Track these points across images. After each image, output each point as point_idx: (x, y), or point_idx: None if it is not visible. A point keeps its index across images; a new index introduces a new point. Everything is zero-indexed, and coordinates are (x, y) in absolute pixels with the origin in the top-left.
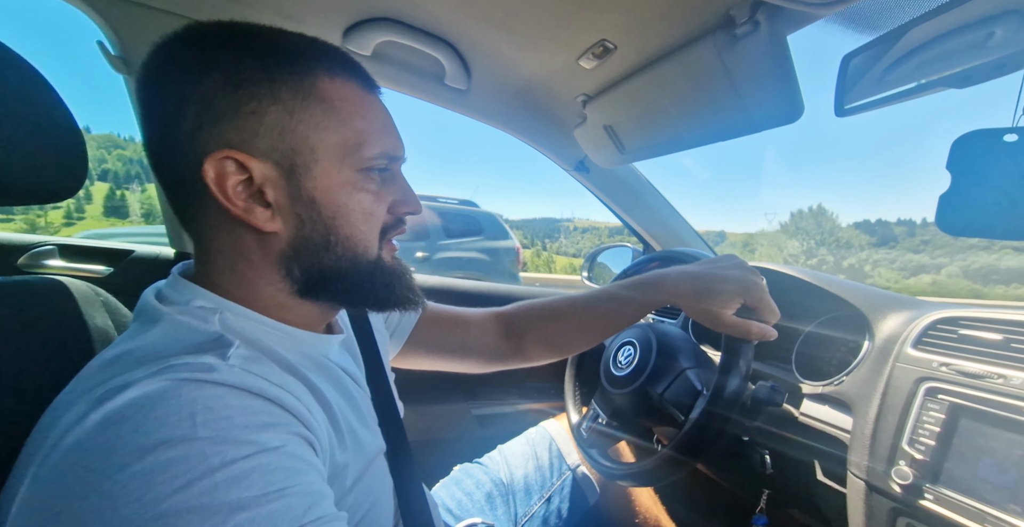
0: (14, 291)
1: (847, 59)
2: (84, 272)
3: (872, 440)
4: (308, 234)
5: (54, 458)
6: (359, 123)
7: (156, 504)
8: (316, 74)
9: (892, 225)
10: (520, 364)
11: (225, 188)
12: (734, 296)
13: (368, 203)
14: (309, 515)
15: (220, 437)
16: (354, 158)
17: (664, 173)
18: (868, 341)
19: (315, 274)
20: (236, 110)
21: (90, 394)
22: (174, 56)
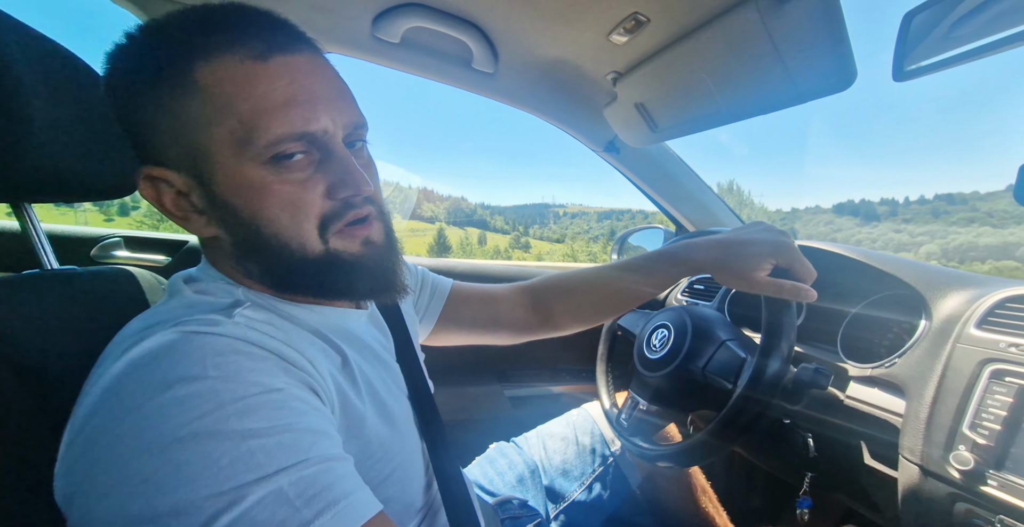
0: (91, 280)
1: (909, 17)
2: (146, 261)
3: (928, 424)
4: (241, 236)
5: (87, 403)
6: (244, 106)
7: (177, 429)
8: (191, 62)
9: (875, 205)
10: (548, 334)
11: (163, 203)
12: (765, 257)
13: (287, 195)
14: (313, 450)
15: (230, 377)
16: (250, 150)
17: (692, 149)
18: (925, 321)
19: (271, 270)
20: (137, 123)
21: (115, 352)
22: (109, 74)
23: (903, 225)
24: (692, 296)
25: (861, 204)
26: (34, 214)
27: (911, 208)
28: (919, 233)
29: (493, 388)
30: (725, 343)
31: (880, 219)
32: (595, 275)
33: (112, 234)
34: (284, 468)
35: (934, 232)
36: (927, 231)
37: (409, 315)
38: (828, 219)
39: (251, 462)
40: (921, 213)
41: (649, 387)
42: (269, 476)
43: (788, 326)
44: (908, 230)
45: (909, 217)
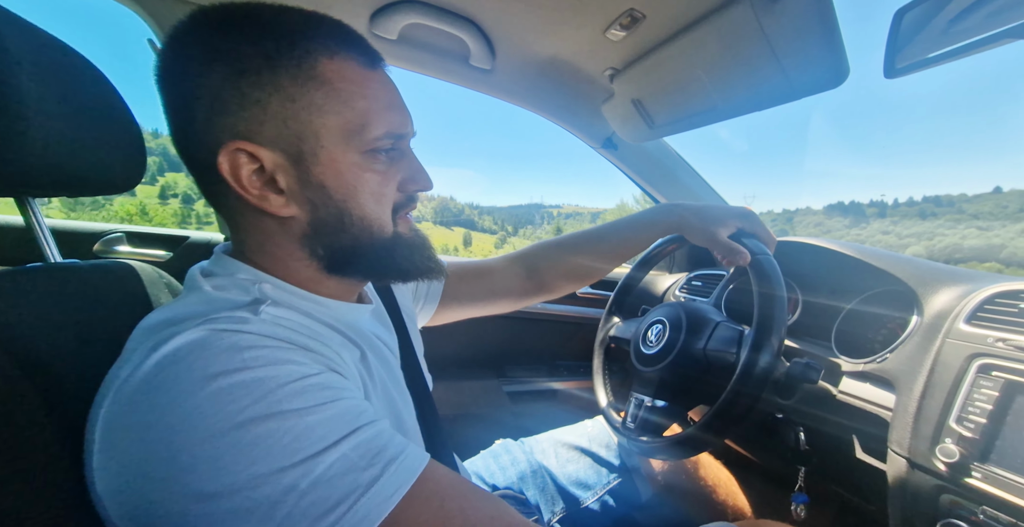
0: (93, 274)
1: (900, 14)
2: (148, 256)
3: (916, 417)
4: (323, 217)
5: (121, 398)
6: (362, 103)
7: (235, 416)
8: (315, 56)
9: (865, 206)
10: (544, 298)
11: (240, 178)
12: (731, 217)
13: (376, 184)
14: (363, 418)
15: (270, 366)
16: (358, 140)
17: (693, 147)
18: (916, 316)
19: (337, 252)
20: (241, 101)
21: (142, 347)
22: (181, 48)
23: (891, 226)
24: (690, 293)
25: (851, 206)
26: (37, 208)
27: (899, 209)
28: (906, 234)
29: (491, 383)
30: (720, 323)
31: (869, 220)
32: (582, 238)
33: (115, 229)
34: (343, 437)
35: (921, 234)
36: (914, 233)
37: (407, 309)
38: (818, 220)
39: (313, 436)
40: (909, 215)
41: (652, 382)
42: (332, 445)
43: (779, 321)
44: (896, 231)
45: (897, 219)
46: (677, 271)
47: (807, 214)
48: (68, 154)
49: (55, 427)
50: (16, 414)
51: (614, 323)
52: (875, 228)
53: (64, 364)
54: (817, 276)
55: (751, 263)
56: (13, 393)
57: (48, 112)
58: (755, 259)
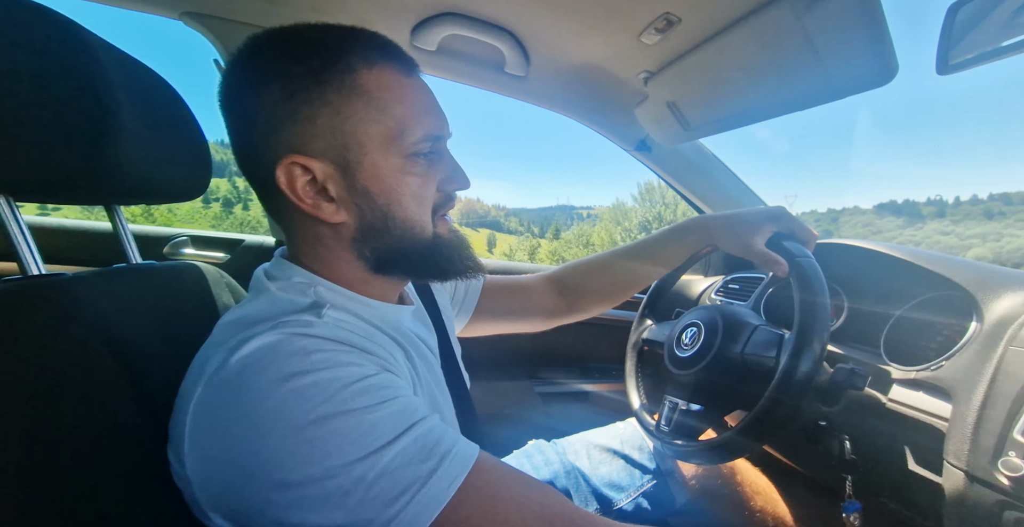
0: (168, 274)
1: (954, 8)
2: (209, 258)
3: (976, 429)
4: (370, 221)
5: (210, 392)
6: (399, 109)
7: (308, 413)
8: (355, 68)
9: (921, 205)
10: (577, 317)
11: (295, 189)
12: (765, 222)
13: (417, 186)
14: (417, 414)
15: (334, 369)
16: (398, 145)
17: (726, 146)
18: (975, 323)
19: (383, 254)
20: (294, 118)
21: (224, 346)
22: (239, 72)
23: (951, 227)
24: (726, 296)
25: (905, 204)
26: (122, 215)
27: (961, 208)
28: (969, 235)
29: (523, 384)
30: (759, 327)
31: (925, 220)
32: (613, 256)
33: (181, 233)
34: (402, 432)
35: (986, 234)
36: (979, 233)
37: (446, 310)
38: (867, 220)
39: (375, 432)
40: (973, 214)
41: (687, 386)
42: (393, 441)
43: (821, 325)
44: (957, 232)
45: (959, 218)
46: (713, 274)
47: (855, 214)
48: (150, 167)
49: (141, 406)
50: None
51: (647, 325)
52: (932, 228)
53: (145, 351)
54: (864, 280)
55: (791, 267)
56: (107, 377)
57: (136, 130)
58: (794, 262)
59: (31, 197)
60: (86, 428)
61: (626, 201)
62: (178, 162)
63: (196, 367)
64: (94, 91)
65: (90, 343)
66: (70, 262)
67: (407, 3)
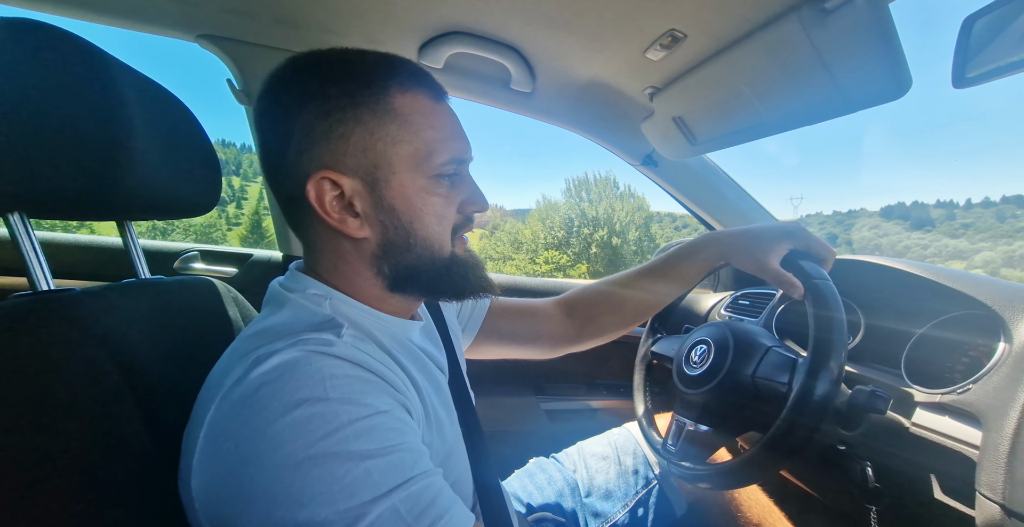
0: (178, 289)
1: (969, 22)
2: (218, 273)
3: (1010, 458)
4: (392, 237)
5: (225, 407)
6: (429, 133)
7: (306, 448)
8: (390, 91)
9: (930, 207)
10: (586, 344)
11: (324, 204)
12: (779, 240)
13: (439, 206)
14: (416, 468)
15: (345, 398)
16: (425, 166)
17: (729, 152)
18: (1004, 343)
19: (402, 271)
20: (328, 136)
21: (244, 359)
22: (277, 92)
23: (961, 230)
24: (736, 311)
25: (913, 207)
26: (134, 231)
27: (973, 211)
28: (979, 239)
29: (529, 400)
30: (771, 348)
31: (935, 224)
32: (624, 280)
33: (191, 248)
34: (396, 486)
35: (998, 237)
36: (990, 237)
37: (453, 325)
38: (874, 223)
39: (368, 481)
40: (984, 217)
41: (695, 406)
42: (384, 494)
43: (838, 344)
44: (967, 235)
45: (969, 221)
46: (722, 289)
47: (861, 216)
48: (162, 184)
49: (146, 421)
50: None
51: (656, 338)
52: (941, 231)
53: (152, 367)
54: (881, 297)
55: (807, 289)
56: (112, 391)
57: (149, 148)
58: (811, 284)
59: (45, 214)
60: (90, 444)
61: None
62: (190, 179)
63: (215, 378)
64: (109, 110)
65: (97, 358)
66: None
67: (414, 23)
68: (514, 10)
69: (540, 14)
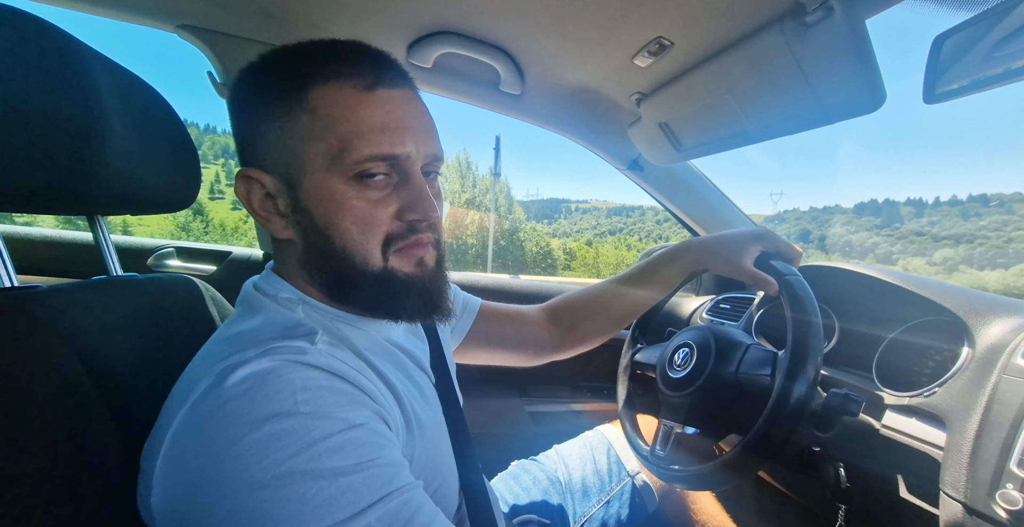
0: (151, 287)
1: (939, 40)
2: (195, 270)
3: (971, 459)
4: (312, 241)
5: (190, 421)
6: (344, 127)
7: (275, 467)
8: (308, 85)
9: (900, 205)
10: (570, 351)
11: (252, 202)
12: (750, 242)
13: (361, 211)
14: (395, 483)
15: (318, 413)
16: (339, 165)
17: None
18: (967, 349)
19: (329, 278)
20: (252, 132)
21: (211, 369)
22: (234, 91)
23: (927, 227)
24: (717, 315)
25: (885, 204)
26: (105, 226)
27: (940, 209)
28: (944, 236)
29: (514, 402)
30: (752, 345)
31: (903, 220)
32: (606, 286)
33: (166, 245)
34: (371, 504)
35: (961, 236)
36: (953, 234)
37: (442, 327)
38: (847, 219)
39: (342, 500)
40: (951, 215)
41: (681, 409)
42: (359, 513)
43: (815, 348)
44: (932, 233)
45: (936, 219)
46: (704, 294)
47: (835, 212)
48: (137, 177)
49: (115, 425)
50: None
51: (638, 348)
52: (909, 229)
53: (124, 368)
54: (855, 303)
55: (780, 285)
56: (80, 393)
57: (123, 139)
58: (783, 281)
59: (9, 206)
60: (53, 445)
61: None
62: (166, 172)
63: (182, 388)
64: (79, 99)
65: (64, 360)
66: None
67: (404, 21)
68: (504, 12)
69: (530, 17)
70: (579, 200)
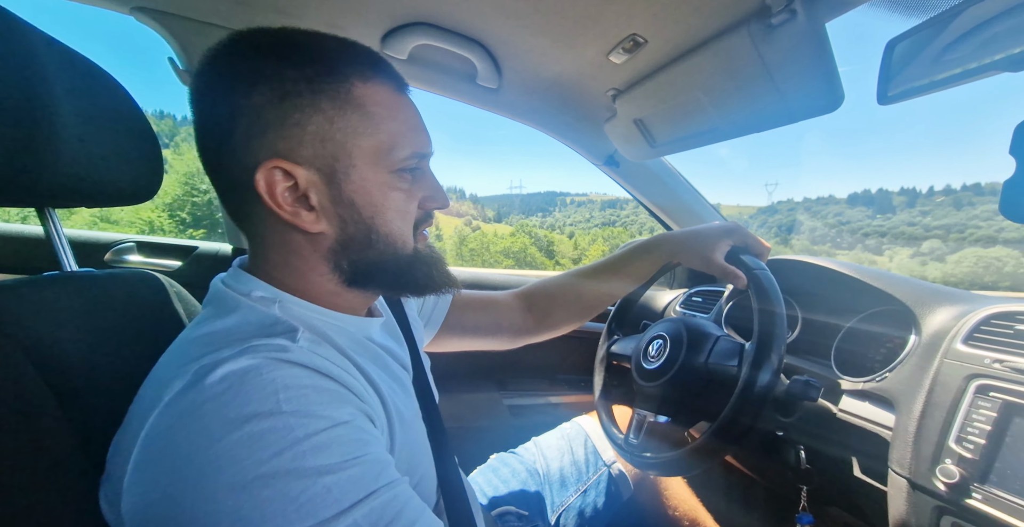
0: (109, 283)
1: (891, 45)
2: (158, 266)
3: (916, 437)
4: (352, 233)
5: (163, 422)
6: (391, 125)
7: (256, 467)
8: (352, 80)
9: (893, 194)
10: (545, 335)
11: (275, 195)
12: (721, 237)
13: (401, 201)
14: (380, 480)
15: (302, 411)
16: (387, 160)
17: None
18: (914, 336)
19: (362, 267)
20: (282, 121)
21: (185, 369)
22: (223, 69)
23: (918, 217)
24: (689, 308)
25: (878, 194)
26: (57, 219)
27: (932, 198)
28: (935, 226)
29: (492, 396)
30: (721, 337)
31: (895, 210)
32: (581, 272)
33: (125, 239)
34: (357, 501)
35: (951, 226)
36: (944, 225)
37: (415, 321)
38: (839, 210)
39: (328, 498)
40: (944, 205)
41: (654, 398)
42: (345, 511)
43: (779, 338)
44: (923, 223)
45: (928, 208)
46: (677, 287)
47: (828, 203)
48: (91, 167)
49: (72, 429)
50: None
51: (614, 340)
52: (900, 219)
53: (81, 369)
54: (816, 294)
55: (748, 279)
56: (32, 396)
57: (75, 127)
58: (751, 275)
59: None
60: (5, 453)
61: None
62: (123, 162)
63: (152, 389)
64: (26, 84)
65: (13, 360)
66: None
67: (378, 11)
68: (481, 5)
69: (506, 11)
70: (579, 193)
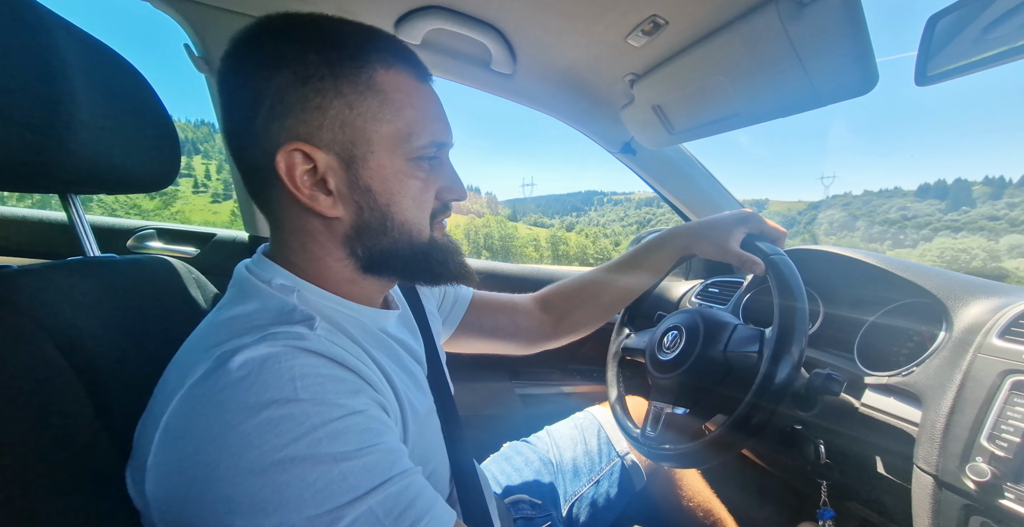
0: (130, 268)
1: (933, 21)
2: (177, 252)
3: (944, 434)
4: (367, 219)
5: (185, 406)
6: (411, 113)
7: (274, 452)
8: (373, 66)
9: (973, 185)
10: (562, 340)
11: (294, 177)
12: (736, 226)
13: (417, 190)
14: (395, 468)
15: (318, 399)
16: (405, 147)
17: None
18: (945, 330)
19: (376, 253)
20: (303, 105)
21: (208, 353)
22: (248, 52)
23: (1004, 210)
24: (705, 299)
25: (955, 184)
26: (79, 205)
27: None
28: (1022, 221)
29: (504, 385)
30: (738, 326)
31: (975, 204)
32: (595, 275)
33: (147, 226)
34: (372, 489)
35: None
36: None
37: (433, 315)
38: (903, 204)
39: (343, 485)
40: None
41: (671, 390)
42: (360, 497)
43: (800, 331)
44: (1009, 217)
45: (1017, 201)
46: (693, 278)
47: (893, 196)
48: (111, 154)
49: (95, 411)
50: (58, 399)
51: (626, 334)
52: (979, 212)
53: (103, 352)
54: (839, 286)
55: (766, 265)
56: (56, 379)
57: (95, 115)
58: (768, 260)
59: None
60: (32, 435)
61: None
62: (142, 149)
63: (175, 372)
64: (48, 72)
65: (38, 341)
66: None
67: None
68: None
69: None
70: (622, 192)
